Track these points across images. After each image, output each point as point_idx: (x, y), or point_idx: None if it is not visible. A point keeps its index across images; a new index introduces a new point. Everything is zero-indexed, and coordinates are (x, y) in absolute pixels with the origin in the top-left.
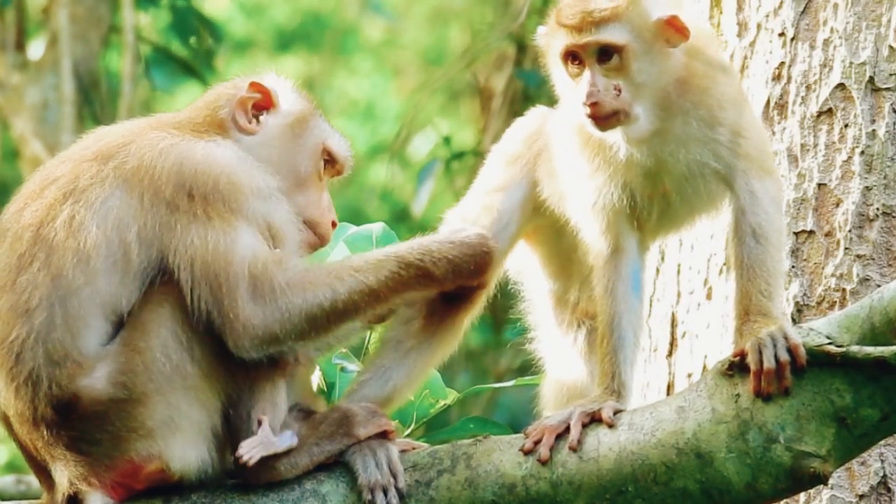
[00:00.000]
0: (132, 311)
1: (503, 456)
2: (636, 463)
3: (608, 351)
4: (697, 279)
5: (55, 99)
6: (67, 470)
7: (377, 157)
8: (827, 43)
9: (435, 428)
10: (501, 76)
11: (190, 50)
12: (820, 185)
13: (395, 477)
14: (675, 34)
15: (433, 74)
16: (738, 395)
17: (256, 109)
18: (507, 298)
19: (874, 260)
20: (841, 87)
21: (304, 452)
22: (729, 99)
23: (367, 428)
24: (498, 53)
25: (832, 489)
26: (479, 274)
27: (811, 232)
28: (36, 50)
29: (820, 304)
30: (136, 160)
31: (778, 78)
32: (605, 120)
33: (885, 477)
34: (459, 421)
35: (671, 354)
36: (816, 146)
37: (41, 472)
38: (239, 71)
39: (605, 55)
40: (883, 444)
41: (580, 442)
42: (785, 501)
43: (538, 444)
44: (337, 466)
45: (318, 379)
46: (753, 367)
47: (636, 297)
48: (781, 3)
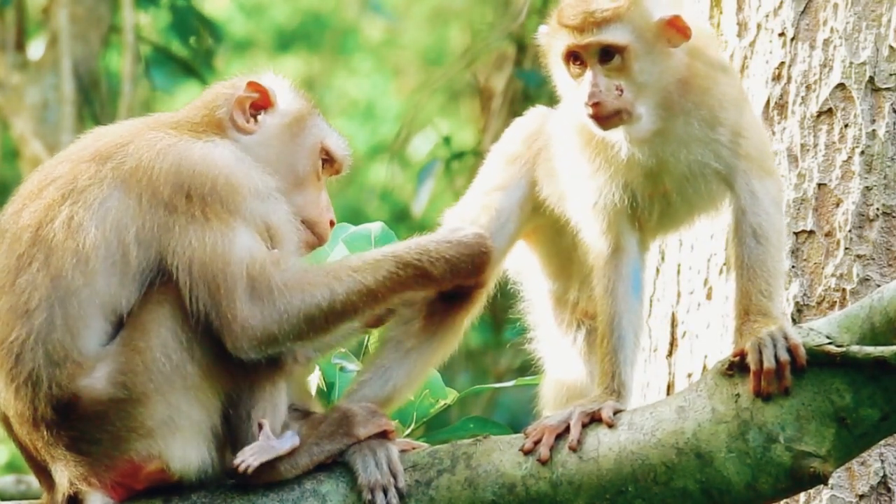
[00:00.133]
0: (132, 311)
1: (503, 456)
2: (636, 463)
3: (608, 351)
4: (697, 279)
5: (55, 99)
6: (67, 470)
7: (377, 157)
8: (827, 43)
9: (435, 428)
10: (501, 76)
11: (190, 50)
12: (820, 185)
13: (394, 477)
14: (676, 34)
15: (433, 74)
16: (738, 394)
17: (254, 109)
18: (506, 298)
19: (874, 260)
20: (841, 87)
21: (304, 452)
22: (730, 99)
23: (366, 428)
24: (498, 53)
25: (832, 489)
26: (476, 273)
27: (811, 232)
28: (36, 50)
29: (820, 304)
30: (134, 161)
31: (778, 78)
32: (607, 120)
33: (885, 477)
34: (459, 421)
35: (671, 354)
36: (816, 146)
37: (41, 472)
38: (239, 71)
39: (606, 55)
40: (883, 444)
41: (580, 442)
42: (785, 501)
43: (538, 444)
44: (337, 466)
45: (317, 379)
46: (753, 366)
47: (636, 297)
48: (781, 3)
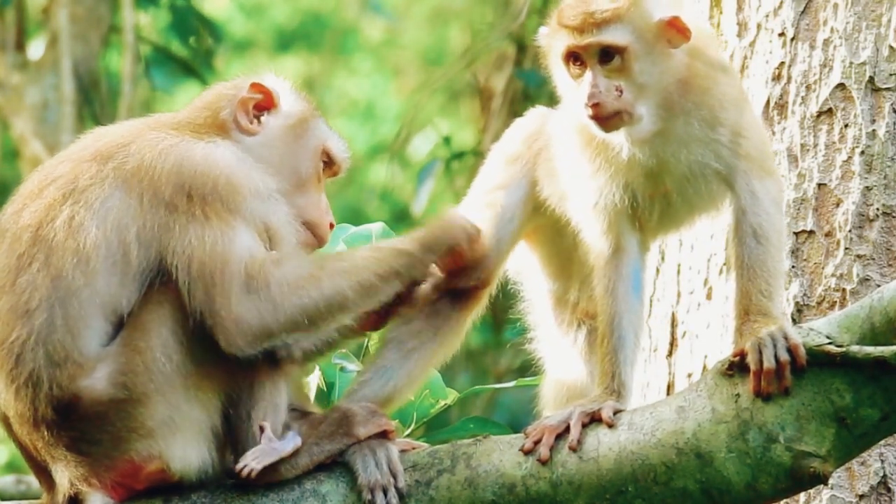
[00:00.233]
0: (132, 311)
1: (503, 456)
2: (636, 463)
3: (608, 351)
4: (697, 279)
5: (55, 99)
6: (68, 470)
7: (377, 157)
8: (827, 43)
9: (435, 428)
10: (501, 76)
11: (190, 50)
12: (820, 185)
13: (394, 477)
14: (676, 35)
15: (433, 74)
16: (738, 394)
17: (257, 110)
18: (507, 298)
19: (874, 260)
20: (841, 87)
21: (304, 452)
22: (730, 99)
23: (367, 427)
24: (498, 53)
25: (832, 489)
26: (454, 244)
27: (811, 232)
28: (36, 50)
29: (820, 304)
30: (135, 161)
31: (778, 78)
32: (607, 120)
33: (885, 477)
34: (459, 421)
35: (671, 354)
36: (816, 146)
37: (41, 472)
38: (239, 71)
39: (606, 56)
40: (883, 444)
41: (580, 442)
42: (785, 501)
43: (538, 443)
44: (337, 466)
45: (317, 379)
46: (753, 366)
47: (637, 297)
48: (781, 3)
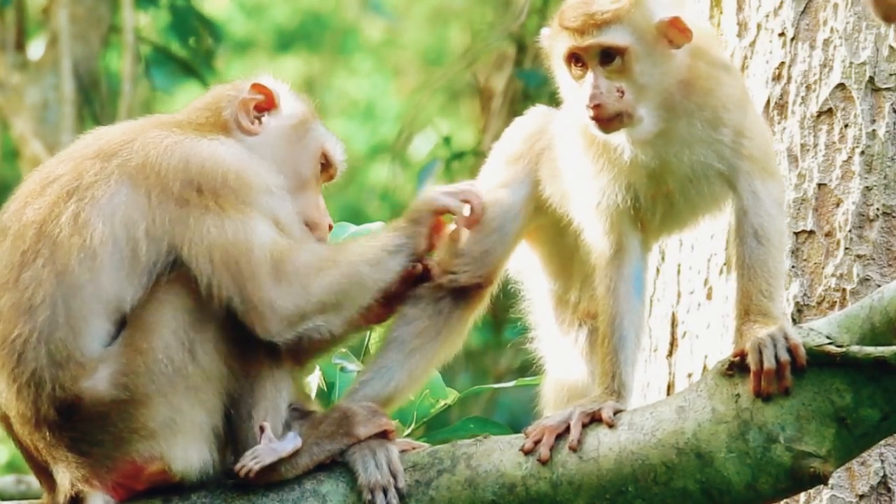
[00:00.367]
0: (134, 311)
1: (503, 456)
2: (636, 463)
3: (609, 351)
4: (697, 279)
5: (55, 99)
6: (69, 471)
7: (377, 157)
8: (827, 43)
9: (435, 428)
10: (501, 76)
11: (190, 50)
12: (820, 185)
13: (394, 477)
14: (678, 35)
15: (433, 74)
16: (738, 395)
17: (258, 111)
18: (507, 298)
19: (874, 260)
20: (841, 87)
21: (304, 452)
22: (733, 100)
23: (367, 427)
24: (498, 53)
25: (832, 489)
26: (434, 208)
27: (811, 232)
28: (36, 50)
29: (820, 304)
30: (140, 157)
31: (778, 78)
32: (608, 122)
33: (885, 477)
34: (460, 421)
35: (671, 354)
36: (816, 146)
37: (41, 472)
38: (239, 71)
39: (607, 57)
40: (883, 444)
41: (580, 442)
42: (785, 501)
43: (538, 444)
44: (337, 466)
45: (318, 379)
46: (753, 367)
47: (638, 297)
48: (781, 3)
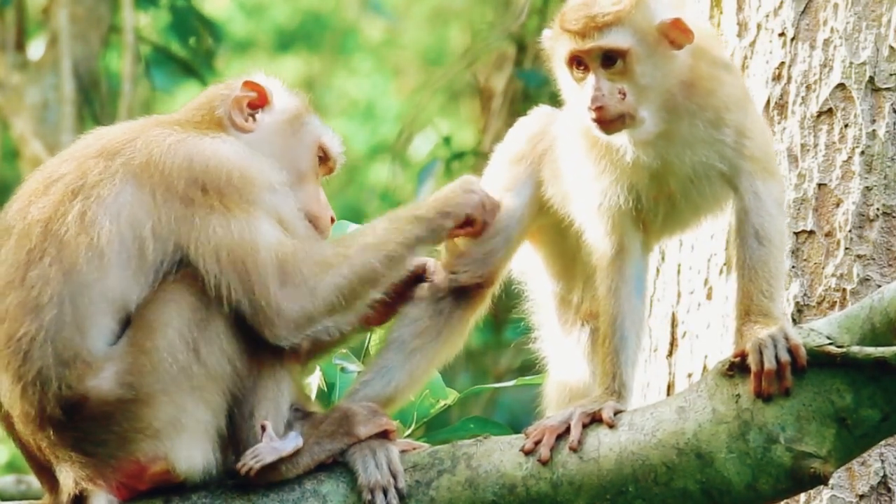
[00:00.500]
0: (139, 310)
1: (504, 456)
2: (637, 463)
3: (610, 351)
4: (697, 279)
5: (55, 99)
6: (72, 470)
7: (377, 157)
8: (827, 43)
9: (435, 428)
10: (501, 76)
11: (190, 50)
12: (820, 185)
13: (395, 477)
14: (679, 36)
15: (433, 74)
16: (738, 395)
17: (252, 108)
18: (507, 298)
19: (874, 260)
20: (841, 87)
21: (305, 451)
22: (735, 100)
23: (367, 427)
24: (498, 53)
25: (832, 489)
26: (465, 202)
27: (811, 232)
28: (36, 50)
29: (820, 304)
30: (144, 156)
31: (778, 78)
32: (610, 123)
33: (885, 477)
34: (460, 421)
35: (671, 354)
36: (816, 146)
37: (43, 472)
38: (239, 71)
39: (608, 59)
40: (883, 444)
41: (580, 442)
42: (785, 501)
43: (539, 444)
44: (337, 466)
45: (318, 379)
46: (754, 367)
47: (639, 298)
48: (781, 3)
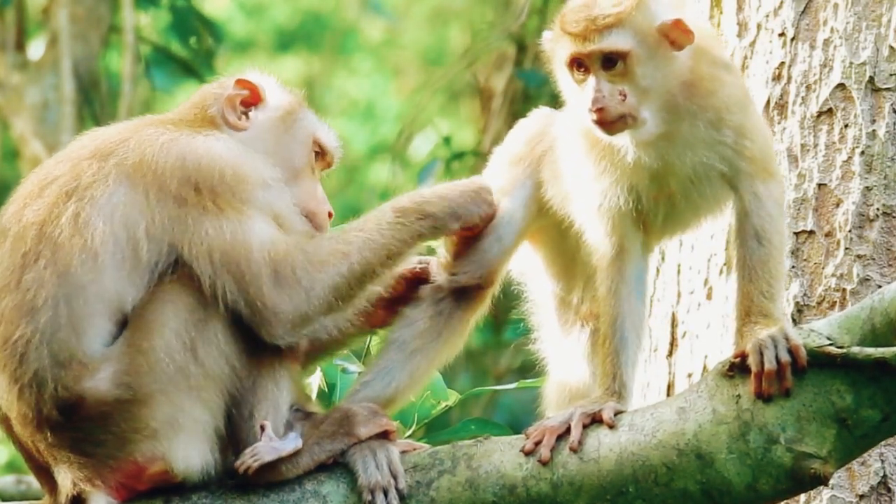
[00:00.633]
0: (135, 311)
1: (504, 457)
2: (637, 464)
3: (610, 352)
4: (697, 279)
5: (55, 99)
6: (71, 471)
7: (377, 157)
8: (827, 43)
9: (436, 429)
10: (501, 76)
11: (190, 50)
12: (820, 185)
13: (395, 478)
14: (680, 37)
15: (433, 74)
16: (738, 395)
17: (244, 106)
18: (507, 299)
19: (874, 260)
20: (841, 87)
21: (305, 452)
22: (735, 101)
23: (367, 427)
24: (498, 53)
25: (832, 489)
26: (478, 209)
27: (811, 232)
28: (36, 50)
29: (820, 304)
30: (137, 156)
31: (778, 78)
32: (611, 125)
33: (885, 477)
34: (460, 422)
35: (671, 354)
36: (816, 146)
37: (42, 473)
38: (238, 71)
39: (609, 61)
40: (883, 444)
41: (581, 443)
42: (785, 502)
43: (539, 444)
44: (337, 467)
45: (319, 380)
46: (754, 368)
47: (639, 298)
48: (781, 3)
